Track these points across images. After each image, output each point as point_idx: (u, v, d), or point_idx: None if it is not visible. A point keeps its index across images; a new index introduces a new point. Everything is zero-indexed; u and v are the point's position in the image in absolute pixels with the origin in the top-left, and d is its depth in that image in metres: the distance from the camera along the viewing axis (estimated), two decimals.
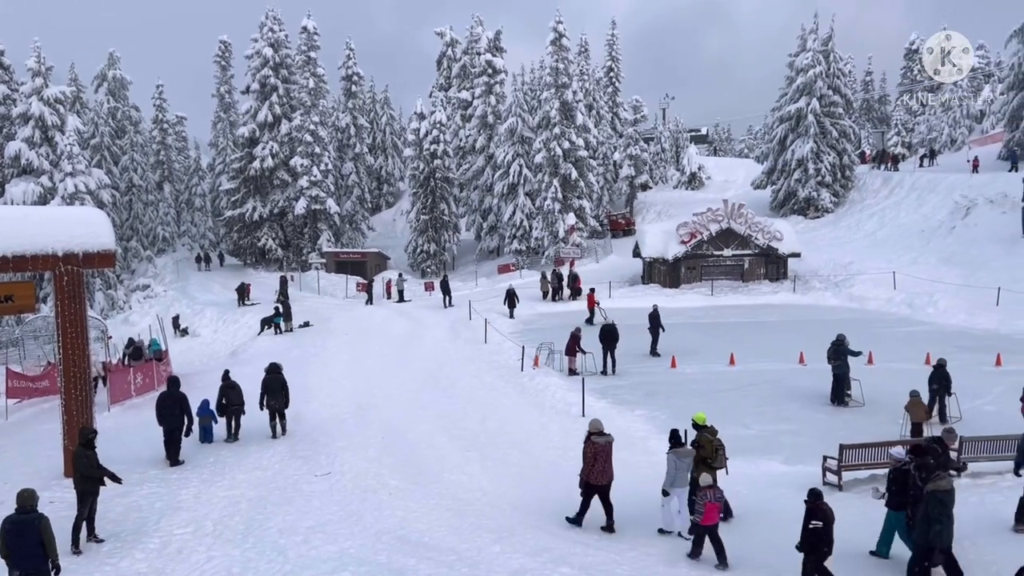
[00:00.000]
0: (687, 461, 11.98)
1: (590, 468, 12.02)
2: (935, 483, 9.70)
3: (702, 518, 10.87)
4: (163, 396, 15.98)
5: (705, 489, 10.96)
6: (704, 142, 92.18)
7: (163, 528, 11.80)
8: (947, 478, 9.90)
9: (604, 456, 12.02)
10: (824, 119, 49.97)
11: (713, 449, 12.20)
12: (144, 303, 45.86)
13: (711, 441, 12.26)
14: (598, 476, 12.04)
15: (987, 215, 38.65)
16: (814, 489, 10.06)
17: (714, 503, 10.93)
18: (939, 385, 17.54)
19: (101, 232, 14.91)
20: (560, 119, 50.07)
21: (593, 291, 33.18)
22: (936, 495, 9.58)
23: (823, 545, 9.68)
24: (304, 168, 53.97)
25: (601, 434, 12.14)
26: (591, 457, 12.01)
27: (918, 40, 77.84)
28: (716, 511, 10.99)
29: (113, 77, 61.52)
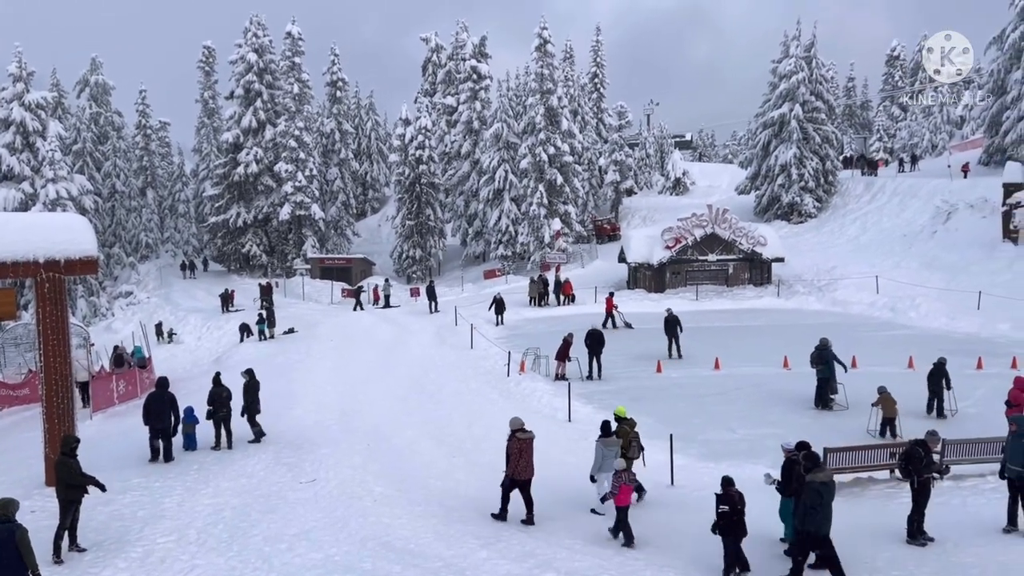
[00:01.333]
0: (613, 449, 12.88)
1: (515, 464, 12.51)
2: (814, 474, 10.35)
3: (617, 498, 11.84)
4: (153, 396, 16.23)
5: (620, 472, 12.03)
6: (689, 148, 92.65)
7: (146, 537, 11.69)
8: (827, 471, 10.62)
9: (527, 452, 12.57)
10: (807, 125, 50.37)
11: (628, 440, 13.47)
12: (127, 310, 45.55)
13: (628, 432, 13.61)
14: (521, 471, 12.57)
15: (968, 220, 39.07)
16: (726, 476, 10.95)
17: (628, 485, 11.94)
18: (938, 383, 18.23)
19: (83, 238, 14.78)
20: (545, 125, 50.22)
21: (612, 295, 33.24)
22: (813, 485, 10.22)
23: (735, 527, 10.48)
24: (289, 174, 53.80)
25: (523, 431, 12.71)
26: (516, 453, 12.51)
27: (899, 47, 78.84)
28: (629, 493, 11.98)
29: (95, 82, 61.12)
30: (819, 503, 10.11)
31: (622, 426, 13.84)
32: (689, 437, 17.01)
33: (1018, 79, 44.58)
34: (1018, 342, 25.78)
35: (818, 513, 10.10)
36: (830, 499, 10.27)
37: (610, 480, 12.47)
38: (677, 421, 17.88)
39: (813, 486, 10.25)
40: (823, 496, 10.17)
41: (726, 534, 10.53)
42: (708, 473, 15.28)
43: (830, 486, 10.35)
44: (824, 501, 10.17)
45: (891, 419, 16.85)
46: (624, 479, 11.96)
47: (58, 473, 11.33)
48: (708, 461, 15.99)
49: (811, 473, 10.44)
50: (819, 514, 10.11)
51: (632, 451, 13.59)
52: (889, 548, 11.28)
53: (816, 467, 10.53)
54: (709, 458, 16.16)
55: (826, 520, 10.16)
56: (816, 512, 10.09)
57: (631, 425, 13.99)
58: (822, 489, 10.19)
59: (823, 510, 10.13)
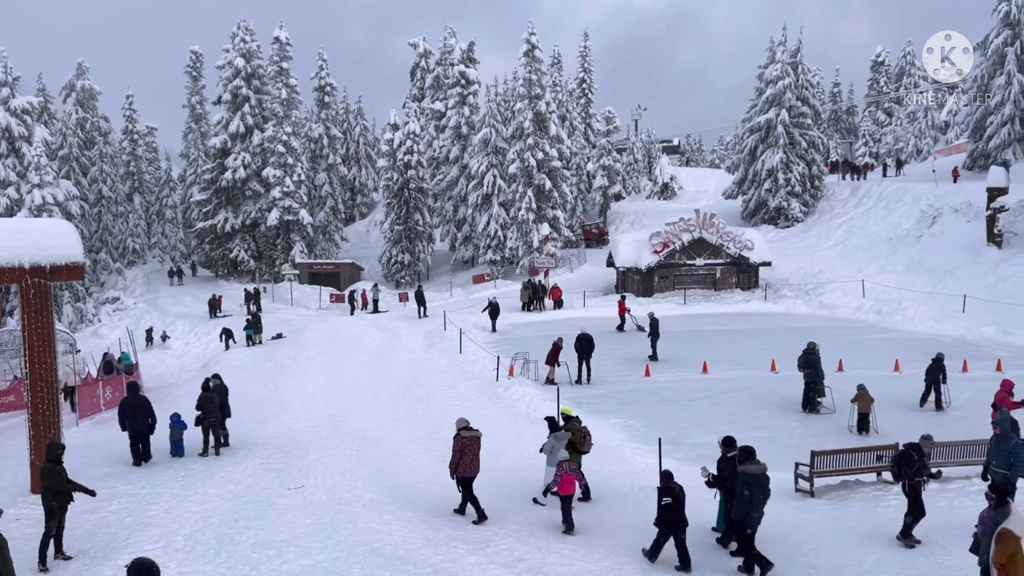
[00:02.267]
0: (563, 442, 13.65)
1: (458, 461, 12.86)
2: (745, 467, 10.94)
3: (560, 487, 12.57)
4: (126, 401, 16.49)
5: (563, 463, 12.87)
6: (676, 153, 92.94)
7: (133, 544, 11.61)
8: (759, 464, 11.04)
9: (472, 450, 12.89)
10: (793, 130, 50.68)
11: (581, 436, 14.26)
12: (114, 316, 45.24)
13: (578, 429, 14.35)
14: (465, 469, 12.89)
15: (952, 224, 39.38)
16: (666, 471, 11.61)
17: (570, 474, 12.68)
18: (936, 377, 19.32)
19: (69, 244, 14.70)
20: (534, 130, 50.30)
21: (624, 298, 33.26)
22: (745, 476, 10.83)
23: (676, 520, 11.03)
24: (276, 179, 53.63)
25: (468, 429, 13.07)
26: (459, 451, 12.85)
27: (884, 53, 79.49)
28: (572, 482, 12.65)
29: (82, 87, 60.78)
30: (751, 494, 10.64)
31: (571, 424, 14.45)
32: (677, 441, 17.06)
33: (1001, 84, 45.06)
34: (1003, 345, 26.02)
35: (753, 505, 10.64)
36: (760, 491, 10.78)
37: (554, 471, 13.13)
38: (665, 425, 17.93)
39: (745, 477, 10.80)
40: (752, 487, 10.69)
41: (668, 525, 11.07)
42: (697, 477, 15.33)
43: (761, 479, 10.84)
44: (754, 492, 10.68)
45: (865, 414, 17.53)
46: (566, 468, 12.73)
47: (45, 480, 11.24)
48: (696, 464, 15.99)
49: (743, 465, 10.97)
50: (753, 505, 10.65)
51: (586, 445, 14.30)
52: (877, 551, 11.35)
53: (749, 460, 11.02)
54: (697, 461, 16.10)
55: (756, 511, 10.71)
56: (750, 503, 10.63)
57: (578, 422, 14.73)
58: (751, 480, 10.73)
59: (755, 501, 10.65)
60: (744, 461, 11.10)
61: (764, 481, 10.90)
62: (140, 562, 6.38)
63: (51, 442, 12.65)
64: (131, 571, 6.33)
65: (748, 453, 11.18)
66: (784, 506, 13.52)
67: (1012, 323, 27.82)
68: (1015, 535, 8.60)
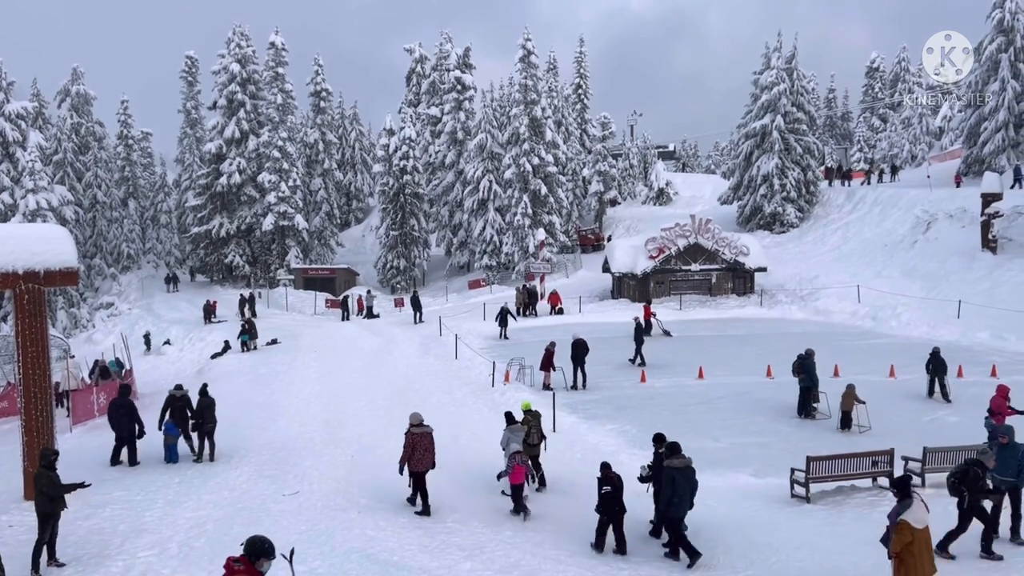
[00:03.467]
0: (519, 435, 14.46)
1: (409, 455, 13.49)
2: (670, 461, 11.61)
3: (511, 476, 13.49)
4: (112, 403, 16.78)
5: (515, 454, 13.68)
6: (671, 158, 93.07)
7: (127, 551, 11.55)
8: (683, 458, 11.68)
9: (423, 445, 13.51)
10: (788, 136, 50.80)
11: (530, 429, 15.16)
12: (108, 321, 45.13)
13: (531, 423, 15.32)
14: (417, 463, 13.52)
15: (947, 229, 39.49)
16: (604, 462, 12.44)
17: (521, 465, 13.57)
18: (936, 369, 20.56)
19: (63, 249, 14.66)
20: (529, 135, 50.35)
21: (649, 303, 33.23)
22: (670, 471, 11.49)
23: (614, 506, 11.90)
24: (272, 184, 53.60)
25: (420, 426, 13.71)
26: (410, 446, 13.48)
27: (879, 59, 79.78)
28: (522, 473, 13.54)
29: (76, 92, 60.69)
30: (676, 487, 11.31)
31: (526, 417, 15.46)
32: None
33: (995, 90, 45.22)
34: (997, 350, 26.07)
35: (680, 496, 11.31)
36: (685, 483, 11.40)
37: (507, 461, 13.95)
38: (661, 430, 17.86)
39: (670, 472, 11.46)
40: (677, 481, 11.34)
41: (606, 512, 11.94)
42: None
43: (686, 471, 11.50)
44: (679, 484, 11.32)
45: (847, 412, 18.02)
46: (518, 460, 13.59)
47: (38, 486, 11.16)
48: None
49: (668, 460, 11.64)
50: (679, 497, 11.32)
51: (532, 438, 15.18)
52: (872, 556, 11.31)
53: (674, 454, 11.70)
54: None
55: (682, 502, 11.38)
56: (676, 496, 11.30)
57: (535, 417, 15.65)
58: (676, 475, 11.39)
59: (680, 493, 11.31)
60: (670, 456, 11.72)
61: (689, 473, 11.54)
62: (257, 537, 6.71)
63: (44, 447, 12.59)
64: (248, 546, 6.63)
65: (673, 448, 11.84)
66: (780, 512, 13.52)
67: (1007, 328, 27.88)
68: (912, 526, 9.09)
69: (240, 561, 6.61)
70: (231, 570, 6.56)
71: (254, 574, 6.56)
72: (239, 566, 6.56)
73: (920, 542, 9.13)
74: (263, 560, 6.60)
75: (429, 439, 13.62)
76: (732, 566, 11.25)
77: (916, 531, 9.15)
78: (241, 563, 6.59)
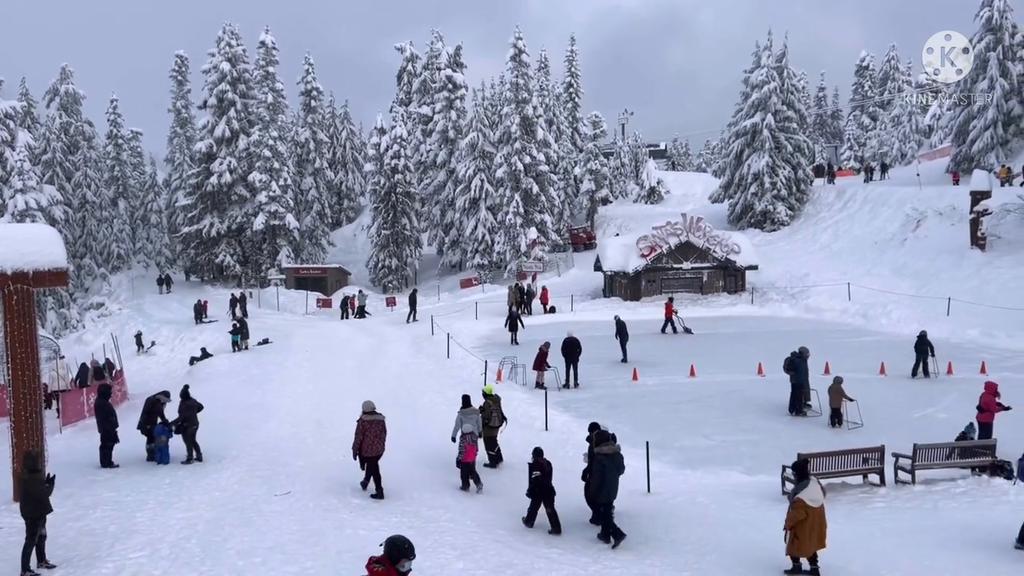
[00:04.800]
0: (472, 418, 15.35)
1: (360, 441, 14.20)
2: (599, 448, 12.22)
3: (463, 456, 14.64)
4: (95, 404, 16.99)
5: (466, 435, 14.74)
6: (663, 157, 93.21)
7: (117, 552, 11.48)
8: (612, 445, 12.27)
9: (373, 432, 14.20)
10: (779, 134, 50.94)
11: (490, 412, 16.15)
12: (98, 322, 44.89)
13: (490, 406, 16.27)
14: (368, 448, 14.21)
15: (937, 227, 39.68)
16: (537, 448, 13.30)
17: (471, 445, 14.69)
18: (922, 351, 22.66)
19: (52, 249, 14.55)
20: (521, 134, 50.36)
21: (671, 300, 33.25)
22: (598, 457, 12.14)
23: (544, 491, 12.67)
24: (263, 183, 53.45)
25: (372, 413, 14.41)
26: (360, 433, 14.23)
27: (868, 57, 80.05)
28: (473, 451, 14.70)
29: (66, 92, 60.37)
30: (603, 472, 11.93)
31: (486, 401, 16.41)
32: (665, 444, 17.09)
33: (984, 89, 45.47)
34: (987, 347, 26.23)
35: (607, 481, 11.93)
36: (613, 469, 12.01)
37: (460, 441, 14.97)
38: (653, 428, 17.96)
39: (598, 458, 12.13)
40: (606, 467, 11.96)
41: (537, 496, 12.74)
42: (684, 480, 15.38)
43: (614, 458, 12.11)
44: (607, 471, 11.93)
45: (836, 408, 18.19)
46: (469, 440, 14.72)
47: (26, 490, 11.04)
48: (684, 468, 16.08)
49: (597, 447, 12.28)
50: (607, 482, 11.93)
51: (493, 420, 16.21)
52: (863, 554, 11.38)
53: (603, 442, 12.31)
54: (685, 465, 16.25)
55: (610, 487, 11.98)
56: (603, 480, 11.93)
57: (495, 400, 16.54)
58: (605, 461, 12.01)
59: (608, 479, 11.92)
60: (599, 443, 12.35)
61: (617, 459, 12.17)
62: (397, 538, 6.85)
63: (27, 452, 12.43)
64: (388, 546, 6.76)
65: (603, 436, 12.54)
66: (771, 509, 13.54)
67: (996, 325, 28.04)
68: (806, 504, 10.25)
69: (381, 562, 6.69)
70: (372, 572, 6.64)
71: (394, 574, 6.65)
72: (380, 567, 6.66)
73: (811, 519, 10.26)
74: (403, 560, 6.69)
75: (379, 426, 14.32)
76: (724, 563, 11.27)
77: (810, 509, 10.25)
78: (382, 564, 6.67)
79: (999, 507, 13.04)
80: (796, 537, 10.38)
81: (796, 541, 10.40)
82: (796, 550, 10.47)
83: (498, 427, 16.41)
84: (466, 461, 14.69)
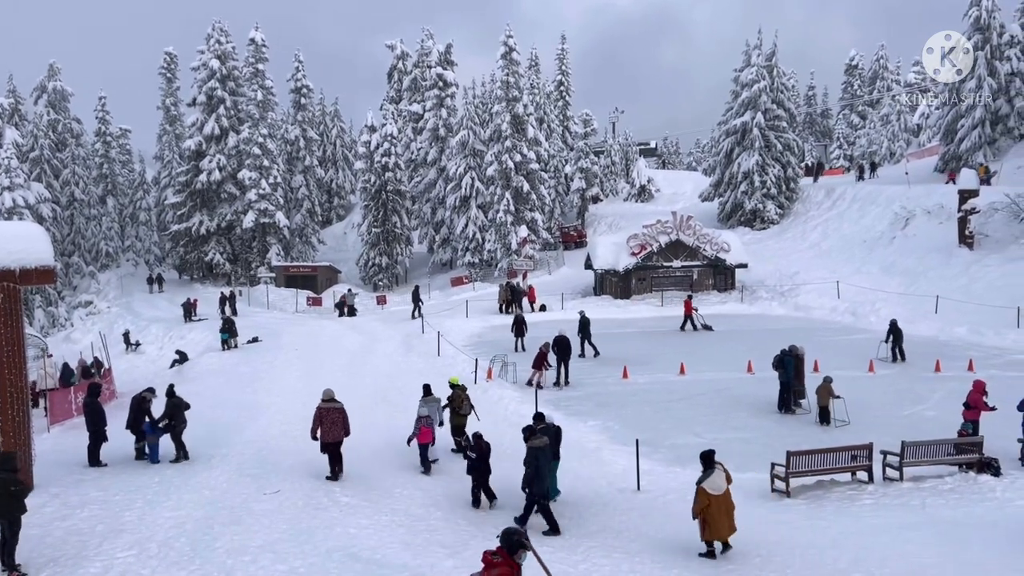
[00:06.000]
0: (433, 406, 16.29)
1: (317, 427, 14.93)
2: (531, 442, 12.72)
3: (418, 438, 15.67)
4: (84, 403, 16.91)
5: (421, 418, 15.72)
6: (653, 155, 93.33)
7: (105, 552, 11.41)
8: (542, 439, 12.80)
9: (330, 419, 14.89)
10: (769, 133, 51.10)
11: (460, 401, 16.98)
12: (87, 320, 44.65)
13: (459, 396, 17.07)
14: (326, 434, 14.91)
15: (925, 226, 39.88)
16: (476, 432, 14.27)
17: (427, 427, 15.69)
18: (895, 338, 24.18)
19: (39, 247, 14.44)
20: (511, 132, 50.35)
21: (691, 297, 33.28)
22: (531, 450, 12.63)
23: (482, 470, 13.75)
24: (252, 181, 53.26)
25: (330, 401, 15.13)
26: (317, 419, 14.94)
27: (858, 56, 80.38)
28: (428, 434, 15.70)
29: (53, 88, 59.99)
30: (534, 464, 12.43)
31: (455, 391, 17.17)
32: (655, 442, 17.12)
33: (972, 88, 45.70)
34: (975, 345, 26.39)
35: (538, 473, 12.46)
36: (544, 461, 12.60)
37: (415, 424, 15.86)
38: (643, 426, 17.99)
39: (531, 451, 12.60)
40: (537, 458, 12.47)
41: (475, 474, 13.81)
42: (675, 478, 15.39)
43: (544, 450, 12.70)
44: (539, 463, 12.46)
45: (824, 407, 18.29)
46: (424, 423, 15.67)
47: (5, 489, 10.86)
48: (674, 466, 16.10)
49: (528, 441, 12.79)
50: (538, 473, 12.46)
51: (464, 408, 17.07)
52: (852, 550, 11.44)
53: (533, 436, 12.88)
54: (675, 463, 16.27)
55: (542, 479, 12.54)
56: (535, 472, 12.44)
57: (462, 390, 17.32)
58: (536, 453, 12.54)
59: (538, 470, 12.46)
60: (529, 437, 12.87)
61: (547, 452, 12.85)
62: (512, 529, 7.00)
63: (4, 452, 12.26)
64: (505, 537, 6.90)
65: (531, 430, 13.13)
66: (760, 506, 13.61)
67: (983, 323, 28.23)
68: (707, 492, 11.17)
69: (498, 554, 6.78)
70: (489, 563, 6.70)
71: (512, 565, 6.74)
72: (497, 559, 6.74)
73: (717, 505, 11.13)
74: (521, 551, 6.83)
75: (337, 413, 15.02)
76: (713, 561, 11.31)
77: (712, 496, 11.14)
78: (499, 556, 6.76)
79: (986, 503, 13.14)
80: (705, 523, 11.24)
81: (706, 526, 11.26)
82: (708, 535, 11.29)
83: (467, 415, 17.05)
84: (421, 442, 15.73)
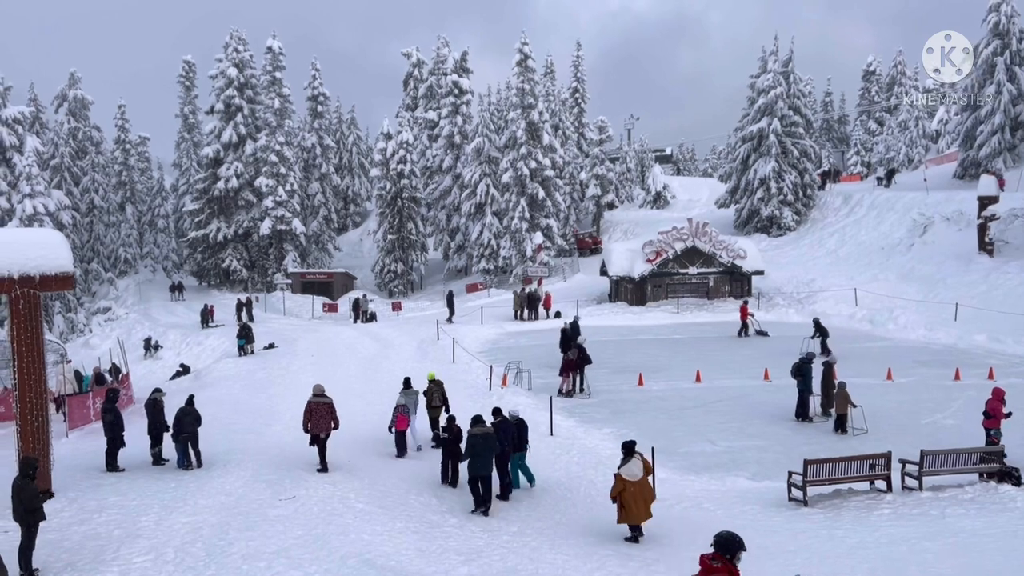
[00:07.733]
0: (411, 397, 17.90)
1: (307, 420, 15.85)
2: (472, 429, 13.87)
3: (396, 425, 17.12)
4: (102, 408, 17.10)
5: (399, 407, 17.27)
6: (668, 162, 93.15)
7: (122, 556, 11.49)
8: (485, 427, 13.98)
9: (320, 413, 15.78)
10: (785, 139, 50.87)
11: (431, 394, 18.62)
12: (105, 326, 45.04)
13: (432, 389, 18.72)
14: (315, 427, 15.81)
15: (944, 232, 39.52)
16: (451, 415, 15.92)
17: (404, 415, 17.19)
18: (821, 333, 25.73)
19: (59, 254, 14.61)
20: (527, 139, 50.42)
21: (746, 303, 33.23)
22: (471, 437, 13.80)
23: (453, 450, 15.05)
24: (269, 188, 53.61)
25: (320, 396, 15.99)
26: (307, 413, 15.90)
27: (875, 62, 79.89)
28: (404, 421, 17.18)
29: (74, 97, 60.71)
30: (474, 450, 13.60)
31: (430, 385, 18.72)
32: (670, 450, 17.03)
33: (991, 93, 45.32)
34: (995, 353, 26.10)
35: (478, 458, 13.57)
36: (484, 448, 13.64)
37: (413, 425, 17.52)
38: (658, 434, 17.90)
39: (470, 439, 13.78)
40: (476, 445, 13.62)
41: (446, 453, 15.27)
42: (690, 486, 15.32)
43: (487, 438, 13.76)
44: (479, 449, 13.58)
45: (842, 415, 18.16)
46: (401, 411, 17.18)
47: (19, 496, 10.97)
48: (689, 474, 16.02)
49: (470, 429, 13.86)
50: (478, 459, 13.58)
51: (434, 400, 18.52)
52: (869, 560, 11.32)
53: (475, 424, 13.96)
54: (690, 471, 16.19)
55: (483, 464, 13.60)
56: (474, 457, 13.61)
57: (438, 385, 18.85)
58: (475, 440, 13.69)
59: (477, 456, 13.58)
60: (473, 426, 13.94)
61: (490, 441, 13.83)
62: (727, 532, 7.11)
63: (25, 457, 12.39)
64: (721, 541, 7.00)
65: (476, 419, 14.15)
66: (777, 515, 13.50)
67: (1003, 331, 27.90)
68: (623, 478, 12.14)
69: (716, 559, 6.88)
70: (708, 567, 6.80)
71: (731, 569, 6.82)
72: (716, 563, 6.85)
73: (633, 490, 12.06)
74: (740, 553, 6.96)
75: (326, 408, 15.85)
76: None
77: (628, 482, 12.07)
78: (718, 560, 6.86)
79: (1007, 513, 12.96)
80: (622, 507, 12.21)
81: (623, 510, 12.24)
82: (625, 518, 12.25)
83: (439, 407, 18.28)
84: (398, 429, 17.10)
